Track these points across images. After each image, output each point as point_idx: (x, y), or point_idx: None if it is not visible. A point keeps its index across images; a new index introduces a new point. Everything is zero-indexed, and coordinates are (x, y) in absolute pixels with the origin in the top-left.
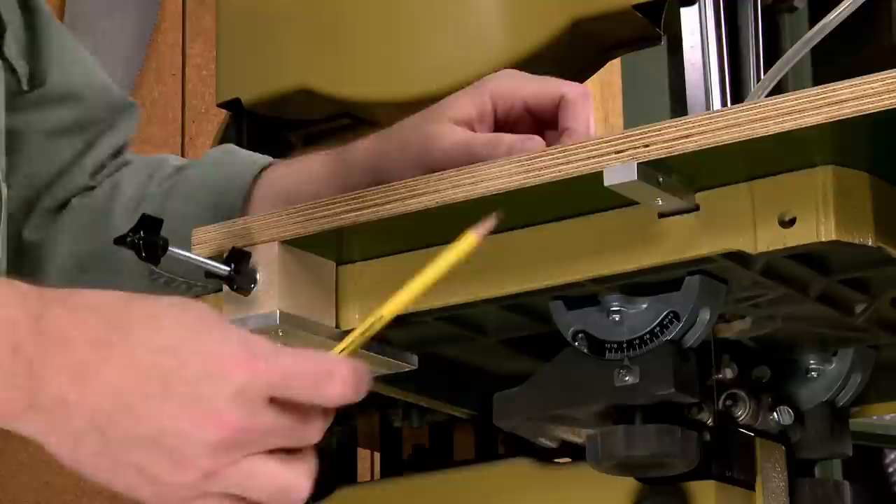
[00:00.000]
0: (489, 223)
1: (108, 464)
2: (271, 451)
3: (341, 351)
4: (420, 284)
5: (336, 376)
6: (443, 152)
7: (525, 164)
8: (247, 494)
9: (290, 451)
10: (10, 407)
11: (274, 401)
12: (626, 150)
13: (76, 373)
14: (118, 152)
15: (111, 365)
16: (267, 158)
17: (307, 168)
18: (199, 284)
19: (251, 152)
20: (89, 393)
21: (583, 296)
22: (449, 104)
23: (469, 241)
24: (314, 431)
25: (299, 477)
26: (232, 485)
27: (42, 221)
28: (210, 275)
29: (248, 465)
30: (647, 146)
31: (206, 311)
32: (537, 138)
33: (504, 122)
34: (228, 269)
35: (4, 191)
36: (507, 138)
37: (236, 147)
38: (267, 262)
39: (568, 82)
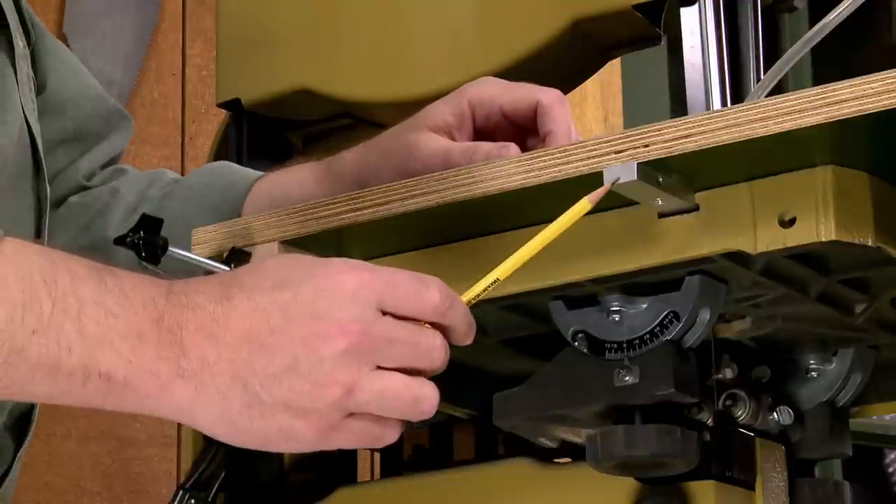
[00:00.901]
0: (603, 190)
1: (258, 412)
2: (398, 370)
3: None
4: (533, 246)
5: (432, 284)
6: (422, 161)
7: (525, 164)
8: (384, 410)
9: (414, 373)
10: (161, 380)
11: (385, 313)
12: (626, 150)
13: (210, 331)
14: (111, 161)
15: (236, 315)
16: (259, 172)
17: (297, 176)
18: None
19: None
20: (224, 346)
21: (583, 296)
22: (428, 113)
23: (582, 205)
24: (436, 350)
25: (428, 388)
26: (371, 400)
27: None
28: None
29: (381, 380)
30: (647, 146)
31: (300, 255)
32: (513, 145)
33: (483, 129)
34: (228, 269)
35: (48, 190)
36: (485, 146)
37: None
38: None
39: (543, 88)
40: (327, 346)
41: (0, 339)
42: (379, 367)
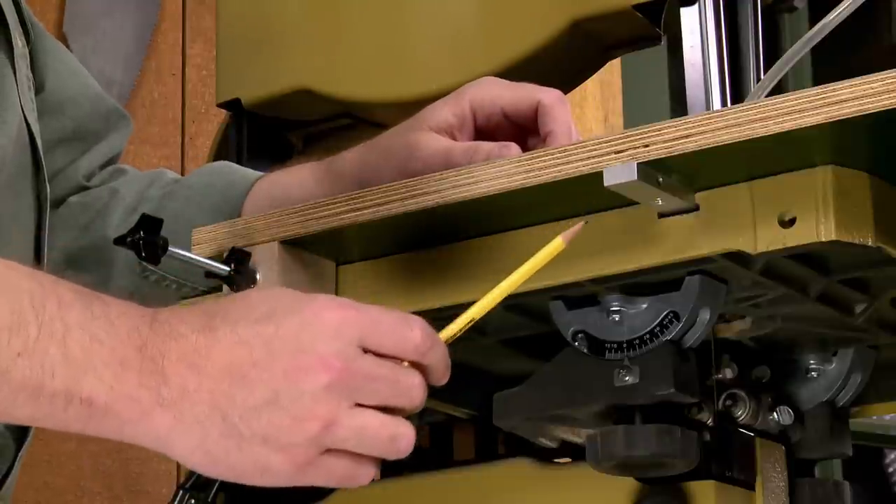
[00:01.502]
0: (577, 228)
1: (235, 444)
2: (376, 408)
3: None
4: (507, 286)
5: (414, 324)
6: (423, 161)
7: (525, 164)
8: (361, 447)
9: (392, 411)
10: (141, 408)
11: (367, 351)
12: (626, 150)
13: (191, 360)
14: (110, 161)
15: (218, 346)
16: (259, 173)
17: (297, 176)
18: (188, 284)
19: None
20: (206, 377)
21: (583, 296)
22: (429, 113)
23: (556, 245)
24: (415, 389)
25: (405, 426)
26: (349, 437)
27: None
28: (210, 275)
29: (360, 417)
30: (647, 146)
31: (285, 289)
32: (514, 145)
33: (484, 129)
34: (228, 269)
35: (48, 190)
36: (485, 146)
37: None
38: (267, 261)
39: (544, 88)
40: (308, 381)
41: None
42: (358, 405)
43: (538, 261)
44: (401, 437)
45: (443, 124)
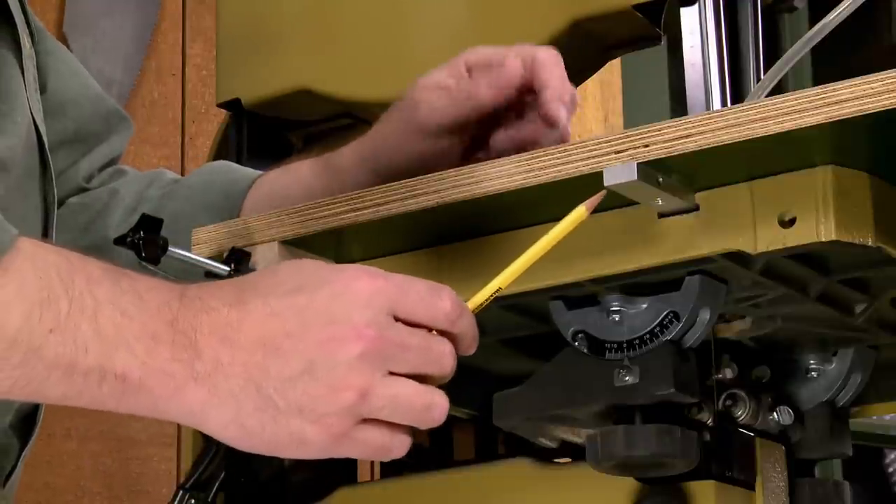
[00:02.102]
0: (599, 196)
1: (270, 417)
2: (409, 377)
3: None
4: (531, 255)
5: (443, 292)
6: (429, 106)
7: (525, 164)
8: (396, 416)
9: (424, 380)
10: (175, 382)
11: (398, 320)
12: (626, 150)
13: (224, 333)
14: (110, 163)
15: (250, 318)
16: (259, 172)
17: (296, 174)
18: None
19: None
20: (239, 349)
21: (583, 296)
22: (426, 77)
23: (578, 213)
24: (445, 357)
25: (438, 395)
26: (384, 406)
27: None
28: (210, 275)
29: (394, 385)
30: (647, 146)
31: (313, 261)
32: (512, 60)
33: None
34: (228, 269)
35: (55, 190)
36: (484, 72)
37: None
38: (267, 261)
39: (540, 47)
40: (343, 350)
41: (18, 337)
42: (391, 374)
43: (561, 230)
44: (435, 406)
45: (440, 84)
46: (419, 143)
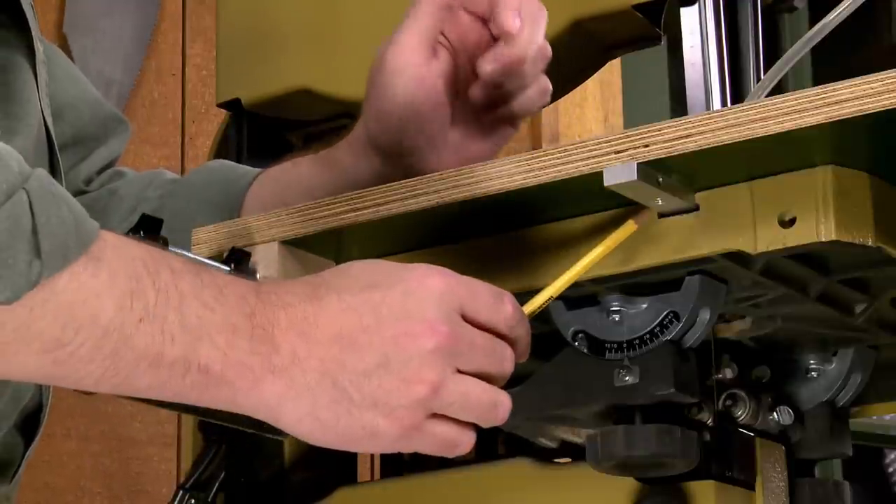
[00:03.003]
0: (648, 214)
1: (345, 410)
2: (474, 376)
3: None
4: (582, 266)
5: (506, 297)
6: (403, 54)
7: (525, 164)
8: (465, 412)
9: (487, 380)
10: (254, 374)
11: (465, 318)
12: (626, 150)
13: (301, 328)
14: (109, 165)
15: (326, 313)
16: (257, 170)
17: (296, 171)
18: None
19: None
20: (315, 344)
21: (583, 296)
22: (394, 48)
23: (628, 227)
24: (506, 360)
25: (504, 394)
26: (454, 402)
27: None
28: None
29: (464, 382)
30: (647, 146)
31: (384, 261)
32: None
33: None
34: (228, 269)
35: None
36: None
37: (229, 161)
38: (267, 262)
39: None
40: (417, 345)
41: (111, 326)
42: (459, 371)
43: (612, 242)
44: (500, 404)
45: (412, 62)
46: (412, 110)
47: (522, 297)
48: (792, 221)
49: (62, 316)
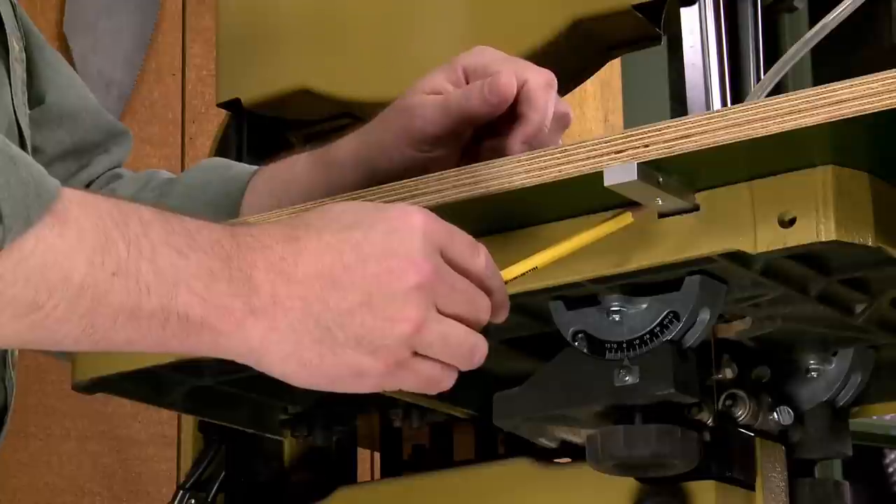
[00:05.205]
0: (646, 210)
1: (328, 349)
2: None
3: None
4: (570, 246)
5: (481, 250)
6: (424, 119)
7: (525, 164)
8: (444, 352)
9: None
10: (235, 318)
11: (444, 259)
12: (626, 150)
13: (280, 268)
14: (110, 170)
15: (307, 253)
16: (254, 167)
17: (294, 169)
18: None
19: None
20: (296, 283)
21: (583, 296)
22: (423, 80)
23: (624, 218)
24: (482, 309)
25: (481, 339)
26: (435, 341)
27: None
28: None
29: (446, 323)
30: (647, 146)
31: (364, 202)
32: (506, 74)
33: None
34: None
35: None
36: (478, 83)
37: (225, 159)
38: None
39: (535, 68)
40: (400, 282)
41: (84, 285)
42: (439, 312)
43: (606, 229)
44: (478, 348)
45: (438, 89)
46: (413, 151)
47: (522, 297)
48: (792, 221)
49: (33, 279)
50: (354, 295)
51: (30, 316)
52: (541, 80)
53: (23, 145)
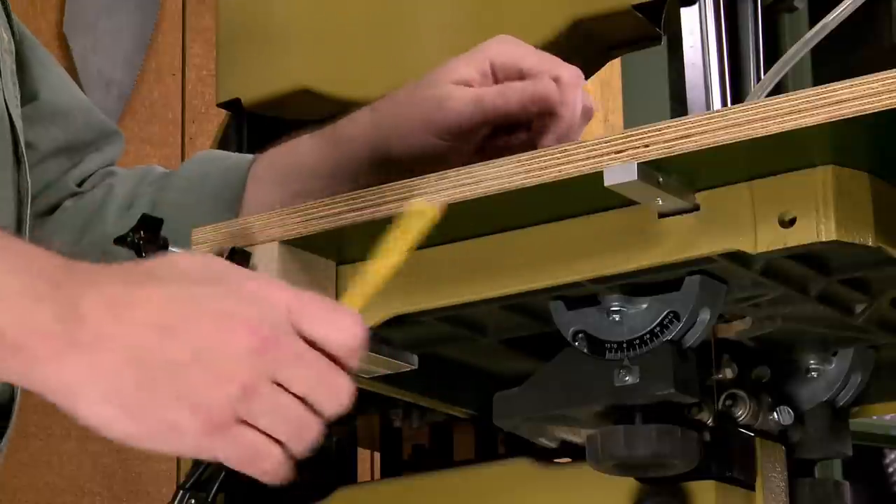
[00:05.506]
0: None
1: (148, 397)
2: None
3: None
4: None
5: (342, 311)
6: (456, 112)
7: (525, 164)
8: (273, 426)
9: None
10: (55, 345)
11: (301, 335)
12: (626, 150)
13: (112, 306)
14: (102, 168)
15: (143, 298)
16: (250, 156)
17: (300, 151)
18: None
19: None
20: (127, 324)
21: (583, 296)
22: (448, 69)
23: (429, 212)
24: (341, 388)
25: (318, 421)
26: (264, 411)
27: (31, 223)
28: None
29: (281, 395)
30: (647, 146)
31: (216, 258)
32: (547, 79)
33: None
34: None
35: (28, 183)
36: (518, 85)
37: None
38: (267, 262)
39: (564, 64)
40: (233, 342)
41: None
42: (280, 386)
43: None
44: (309, 429)
45: (464, 78)
46: (435, 140)
47: (524, 297)
48: (792, 221)
49: None
50: (186, 347)
51: None
52: (572, 76)
53: (14, 137)
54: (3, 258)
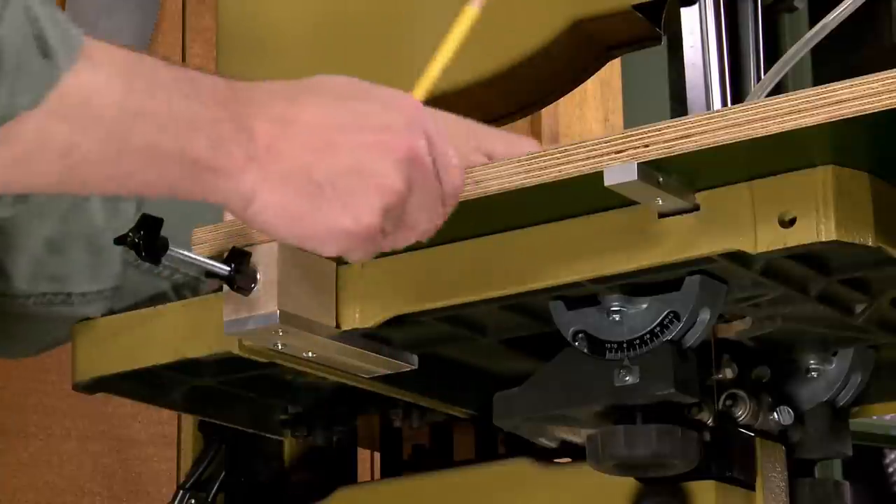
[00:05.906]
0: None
1: (315, 204)
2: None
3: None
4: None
5: (455, 158)
6: None
7: (525, 164)
8: (408, 237)
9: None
10: (235, 162)
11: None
12: (626, 150)
13: (278, 123)
14: None
15: (305, 111)
16: None
17: None
18: (181, 271)
19: None
20: (293, 136)
21: (583, 296)
22: None
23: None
24: (439, 215)
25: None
26: (409, 214)
27: (11, 199)
28: (210, 275)
29: (421, 198)
30: (647, 146)
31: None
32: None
33: None
34: (228, 269)
35: None
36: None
37: None
38: (267, 261)
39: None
40: (391, 154)
41: (112, 126)
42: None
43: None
44: (428, 233)
45: None
46: None
47: (524, 297)
48: (792, 221)
49: (71, 117)
50: (347, 158)
51: (69, 157)
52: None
53: None
54: (180, 86)
